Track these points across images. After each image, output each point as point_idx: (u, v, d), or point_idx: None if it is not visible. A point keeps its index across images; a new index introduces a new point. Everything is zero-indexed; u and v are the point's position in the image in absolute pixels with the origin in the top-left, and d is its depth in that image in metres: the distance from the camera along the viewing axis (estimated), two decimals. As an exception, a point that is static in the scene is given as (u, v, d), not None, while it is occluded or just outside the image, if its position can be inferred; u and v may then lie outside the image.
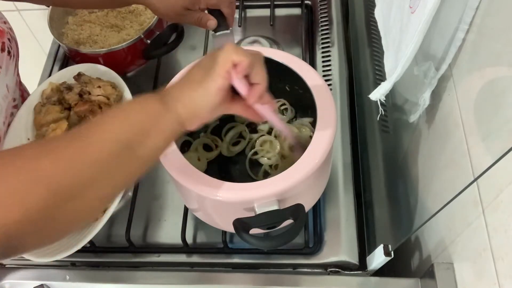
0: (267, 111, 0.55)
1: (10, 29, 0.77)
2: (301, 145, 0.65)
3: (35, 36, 1.49)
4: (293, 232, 0.56)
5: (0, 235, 0.37)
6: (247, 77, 0.51)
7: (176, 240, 0.71)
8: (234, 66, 0.49)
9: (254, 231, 0.56)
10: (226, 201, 0.57)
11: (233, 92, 0.52)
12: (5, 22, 0.76)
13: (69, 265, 0.75)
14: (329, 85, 0.83)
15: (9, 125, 0.79)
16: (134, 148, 0.45)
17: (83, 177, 0.42)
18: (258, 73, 0.51)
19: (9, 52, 0.74)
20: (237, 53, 0.49)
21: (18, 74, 0.82)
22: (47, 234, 0.42)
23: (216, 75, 0.49)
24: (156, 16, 0.89)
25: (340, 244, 0.69)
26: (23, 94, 0.88)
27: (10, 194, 0.38)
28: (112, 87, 0.81)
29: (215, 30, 0.72)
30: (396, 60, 0.57)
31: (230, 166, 0.75)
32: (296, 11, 0.99)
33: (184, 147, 0.74)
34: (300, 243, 0.70)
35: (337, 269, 0.68)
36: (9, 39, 0.74)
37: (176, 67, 0.95)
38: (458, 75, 0.55)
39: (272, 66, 0.68)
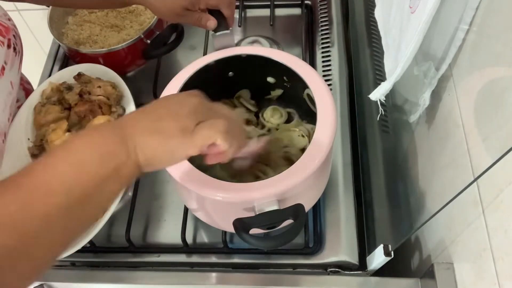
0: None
1: (15, 26, 0.77)
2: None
3: (35, 36, 1.49)
4: (293, 232, 0.56)
5: None
6: None
7: (176, 240, 0.71)
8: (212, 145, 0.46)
9: (254, 231, 0.56)
10: (226, 201, 0.57)
11: None
12: (10, 19, 0.76)
13: (69, 265, 0.75)
14: (329, 85, 0.83)
15: None
16: (88, 199, 0.40)
17: (27, 238, 0.36)
18: (232, 147, 0.48)
19: (14, 49, 0.74)
20: (223, 138, 0.46)
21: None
22: None
23: (193, 143, 0.45)
24: (156, 16, 0.89)
25: (340, 244, 0.69)
26: (24, 85, 0.88)
27: None
28: (112, 87, 0.81)
29: (215, 30, 0.72)
30: (396, 60, 0.57)
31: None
32: (296, 11, 0.99)
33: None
34: (300, 243, 0.70)
35: (337, 269, 0.68)
36: (14, 36, 0.74)
37: (176, 67, 0.95)
38: (458, 75, 0.55)
39: (272, 66, 0.68)
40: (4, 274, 0.35)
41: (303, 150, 0.68)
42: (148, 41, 0.88)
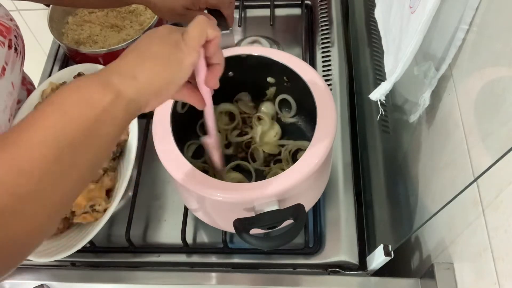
0: (210, 97, 0.52)
1: (17, 26, 0.77)
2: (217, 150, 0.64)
3: (35, 36, 1.50)
4: (293, 232, 0.56)
5: None
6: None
7: (176, 240, 0.71)
8: (206, 42, 0.46)
9: (254, 231, 0.56)
10: (226, 201, 0.57)
11: None
12: (12, 19, 0.76)
13: (69, 265, 0.75)
14: (329, 85, 0.83)
15: None
16: (79, 146, 0.38)
17: (21, 190, 0.34)
18: (219, 52, 0.47)
19: (15, 49, 0.74)
20: (212, 27, 0.45)
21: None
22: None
23: (191, 49, 0.44)
24: (156, 16, 0.89)
25: (340, 244, 0.69)
26: (27, 86, 0.88)
27: None
28: (112, 87, 0.81)
29: (215, 30, 0.72)
30: (396, 60, 0.57)
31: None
32: (296, 11, 0.99)
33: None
34: (300, 243, 0.70)
35: (337, 269, 0.68)
36: (15, 36, 0.74)
37: (176, 67, 0.95)
38: (458, 75, 0.55)
39: (272, 66, 0.68)
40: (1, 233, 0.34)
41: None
42: (148, 41, 0.88)
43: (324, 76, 0.86)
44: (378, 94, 0.60)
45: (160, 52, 0.44)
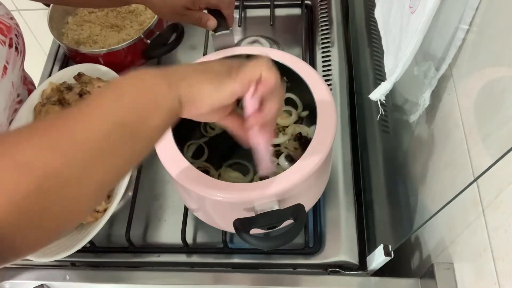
0: (260, 141, 0.51)
1: (17, 25, 0.76)
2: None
3: (35, 36, 1.50)
4: (293, 232, 0.56)
5: None
6: (261, 99, 0.48)
7: (176, 240, 0.71)
8: (258, 81, 0.47)
9: (254, 231, 0.56)
10: (226, 201, 0.57)
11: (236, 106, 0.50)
12: (12, 18, 0.76)
13: (69, 265, 0.75)
14: (329, 85, 0.83)
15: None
16: (130, 127, 0.41)
17: (73, 161, 0.37)
18: (274, 101, 0.49)
19: (16, 48, 0.74)
20: (268, 70, 0.47)
21: (23, 69, 0.82)
22: (42, 229, 0.37)
23: (238, 79, 0.47)
24: (156, 16, 0.89)
25: (340, 244, 0.69)
26: (28, 86, 0.88)
27: None
28: (112, 87, 0.80)
29: (215, 30, 0.72)
30: (396, 60, 0.57)
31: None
32: (296, 11, 0.99)
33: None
34: (300, 243, 0.70)
35: (337, 269, 0.68)
36: (16, 35, 0.74)
37: (176, 67, 0.95)
38: (458, 75, 0.55)
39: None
40: (49, 198, 0.36)
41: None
42: (148, 41, 0.88)
43: (324, 76, 0.86)
44: (378, 94, 0.60)
45: (212, 70, 0.47)
